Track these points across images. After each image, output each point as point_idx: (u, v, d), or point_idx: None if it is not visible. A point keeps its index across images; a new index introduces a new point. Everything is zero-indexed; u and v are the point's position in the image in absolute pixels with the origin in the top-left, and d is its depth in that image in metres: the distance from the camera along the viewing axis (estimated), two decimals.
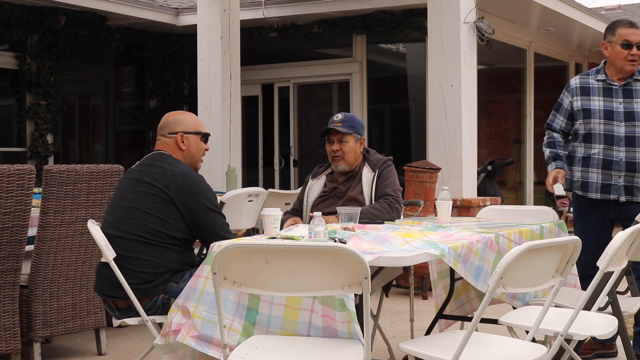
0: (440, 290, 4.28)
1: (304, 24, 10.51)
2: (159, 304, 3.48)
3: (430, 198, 6.68)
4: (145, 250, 3.47)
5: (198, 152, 3.72)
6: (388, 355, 4.43)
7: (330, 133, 4.36)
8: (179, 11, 10.52)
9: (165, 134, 3.68)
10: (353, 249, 2.51)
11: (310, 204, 4.39)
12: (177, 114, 3.80)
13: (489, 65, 12.10)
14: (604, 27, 11.40)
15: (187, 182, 3.50)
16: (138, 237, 3.47)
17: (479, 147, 7.99)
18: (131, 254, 3.47)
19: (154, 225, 3.47)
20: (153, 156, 3.63)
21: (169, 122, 3.70)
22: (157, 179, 3.50)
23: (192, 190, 3.49)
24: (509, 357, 2.82)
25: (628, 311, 3.69)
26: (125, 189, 3.59)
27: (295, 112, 11.19)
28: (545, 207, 4.52)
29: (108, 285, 3.50)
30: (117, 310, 3.54)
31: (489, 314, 3.75)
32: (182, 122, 3.69)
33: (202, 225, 3.52)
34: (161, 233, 3.47)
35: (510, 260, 2.58)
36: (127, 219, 3.50)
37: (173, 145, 3.66)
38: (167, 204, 3.47)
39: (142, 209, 3.49)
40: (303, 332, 2.97)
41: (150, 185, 3.51)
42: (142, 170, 3.59)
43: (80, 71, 11.35)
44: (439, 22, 7.19)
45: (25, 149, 9.67)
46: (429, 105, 7.79)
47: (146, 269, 3.45)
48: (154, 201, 3.48)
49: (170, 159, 3.60)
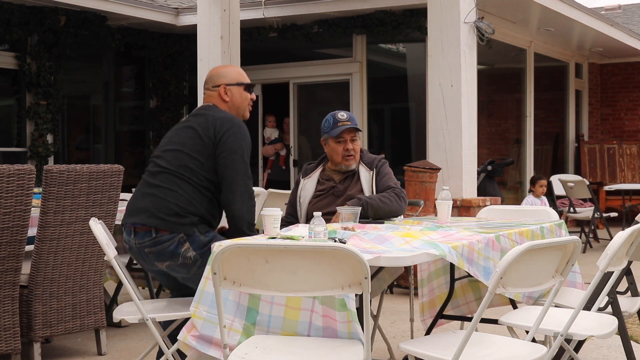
0: (427, 291, 4.27)
1: (304, 24, 10.51)
2: (175, 243, 3.53)
3: (430, 198, 6.68)
4: (181, 186, 3.60)
5: (243, 102, 3.89)
6: (388, 355, 4.43)
7: (345, 132, 4.34)
8: (179, 11, 10.52)
9: (209, 88, 3.86)
10: (353, 249, 2.51)
11: (306, 202, 4.34)
12: (220, 67, 4.01)
13: (489, 65, 12.10)
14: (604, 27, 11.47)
15: (226, 124, 3.64)
16: (177, 173, 3.62)
17: (479, 147, 7.99)
18: (168, 185, 3.61)
19: (193, 166, 3.61)
20: (199, 108, 3.85)
21: (212, 75, 3.88)
22: (200, 124, 3.68)
23: (227, 132, 3.62)
24: (509, 357, 2.82)
25: (628, 311, 3.69)
26: (172, 137, 3.78)
27: (295, 112, 11.19)
28: (546, 207, 4.53)
29: (133, 213, 3.64)
30: (134, 234, 3.60)
31: (489, 314, 3.75)
32: (225, 74, 3.87)
33: (224, 166, 3.61)
34: (199, 174, 3.61)
35: (510, 260, 2.58)
36: (170, 158, 3.66)
37: (217, 98, 3.83)
38: (205, 146, 3.62)
39: (183, 150, 3.65)
40: (303, 332, 2.97)
41: (192, 130, 3.68)
42: (188, 119, 3.80)
43: (80, 71, 11.35)
44: (439, 22, 7.19)
45: (25, 149, 9.67)
46: (429, 105, 7.78)
47: (178, 202, 3.56)
48: (194, 143, 3.64)
49: (215, 108, 3.78)
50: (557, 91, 13.61)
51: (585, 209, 10.75)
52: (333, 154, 4.36)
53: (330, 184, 4.35)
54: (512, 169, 12.01)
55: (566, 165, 13.70)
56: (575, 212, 10.60)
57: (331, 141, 4.34)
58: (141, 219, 3.59)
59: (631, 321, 5.27)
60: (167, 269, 3.62)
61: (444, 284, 4.32)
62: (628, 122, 14.13)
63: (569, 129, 13.63)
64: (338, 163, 4.36)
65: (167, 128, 11.31)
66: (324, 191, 4.35)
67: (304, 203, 4.34)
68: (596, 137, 14.13)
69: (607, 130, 14.31)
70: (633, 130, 14.06)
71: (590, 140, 13.84)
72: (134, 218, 3.63)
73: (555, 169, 13.26)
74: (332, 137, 4.33)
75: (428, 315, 4.29)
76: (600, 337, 3.22)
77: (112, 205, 4.73)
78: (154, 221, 3.56)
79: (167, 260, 3.57)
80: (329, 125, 4.35)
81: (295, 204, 4.38)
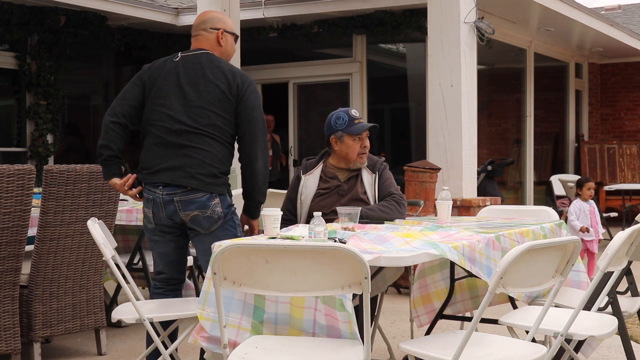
0: (418, 286, 4.28)
1: (304, 24, 10.51)
2: (207, 196, 3.66)
3: (430, 198, 6.68)
4: (214, 146, 3.70)
5: (232, 51, 3.99)
6: (388, 355, 4.43)
7: (364, 129, 4.32)
8: (179, 11, 10.52)
9: (206, 29, 3.91)
10: (353, 249, 2.51)
11: (308, 200, 4.26)
12: (216, 12, 4.12)
13: (489, 65, 12.10)
14: (604, 27, 11.46)
15: (245, 80, 3.78)
16: (208, 132, 3.69)
17: (479, 147, 7.98)
18: (201, 146, 3.67)
19: (221, 124, 3.72)
20: (201, 54, 3.84)
21: (211, 17, 3.95)
22: (221, 80, 3.74)
23: (248, 88, 3.76)
24: (509, 357, 2.82)
25: (628, 311, 3.69)
26: (185, 86, 3.74)
27: (295, 112, 11.19)
28: (546, 207, 4.52)
29: (162, 171, 3.70)
30: (163, 187, 3.67)
31: (489, 314, 3.75)
32: (224, 20, 3.97)
33: (246, 122, 3.73)
34: (226, 132, 3.72)
35: (510, 260, 2.58)
36: (197, 116, 3.70)
37: (214, 41, 3.90)
38: (230, 104, 3.73)
39: (210, 108, 3.71)
40: (308, 329, 2.99)
41: (214, 85, 3.73)
42: (197, 68, 3.77)
43: (80, 71, 11.34)
44: (439, 22, 7.19)
45: (25, 149, 9.67)
46: (429, 105, 7.78)
47: (214, 164, 3.68)
48: (219, 100, 3.72)
49: (218, 58, 3.84)
50: (557, 91, 13.61)
51: None
52: (349, 151, 4.27)
53: (335, 183, 4.28)
54: (512, 169, 12.01)
55: (566, 165, 13.70)
56: None
57: (347, 138, 4.26)
58: (174, 178, 3.66)
59: (631, 321, 5.27)
60: (191, 220, 3.69)
61: (440, 280, 4.31)
62: (628, 122, 14.14)
63: (569, 129, 13.63)
64: (352, 160, 4.28)
65: None
66: (328, 189, 4.27)
67: (305, 200, 4.26)
68: (596, 137, 14.13)
69: (607, 130, 14.31)
70: (633, 130, 14.06)
71: (590, 140, 13.84)
72: (165, 177, 3.68)
73: (555, 169, 13.27)
74: (352, 134, 4.27)
75: (423, 312, 4.28)
76: (600, 337, 3.22)
77: (112, 205, 4.73)
78: (191, 182, 3.65)
79: (196, 210, 3.67)
80: (344, 123, 4.28)
81: (296, 201, 4.30)
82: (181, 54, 3.88)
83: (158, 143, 3.73)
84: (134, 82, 3.83)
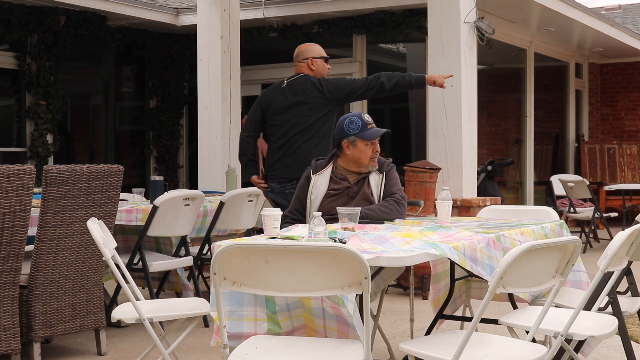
0: (439, 288, 4.28)
1: (304, 24, 10.51)
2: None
3: (430, 198, 6.68)
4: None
5: (324, 70, 5.46)
6: (388, 355, 4.43)
7: (378, 135, 4.33)
8: (179, 11, 10.52)
9: (300, 60, 5.45)
10: (353, 249, 2.51)
11: (318, 200, 4.28)
12: (306, 45, 5.54)
13: (489, 65, 12.10)
14: (604, 27, 11.46)
15: (330, 80, 5.35)
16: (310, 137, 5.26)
17: (479, 147, 7.98)
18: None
19: (326, 130, 5.26)
20: (300, 77, 5.40)
21: (302, 51, 5.46)
22: (313, 91, 5.30)
23: (334, 81, 5.32)
24: (509, 357, 2.82)
25: (628, 311, 3.69)
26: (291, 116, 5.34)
27: None
28: (546, 207, 4.52)
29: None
30: (277, 181, 5.30)
31: (489, 314, 3.75)
32: (311, 50, 5.46)
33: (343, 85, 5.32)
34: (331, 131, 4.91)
35: (510, 260, 2.58)
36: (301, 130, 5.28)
37: (306, 68, 5.42)
38: (328, 105, 5.28)
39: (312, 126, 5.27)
40: (319, 316, 3.10)
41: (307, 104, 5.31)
42: (301, 90, 5.34)
43: (80, 71, 11.35)
44: (439, 22, 7.19)
45: (25, 149, 9.67)
46: (429, 105, 7.78)
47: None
48: (320, 108, 5.28)
49: (308, 76, 5.39)
50: (557, 91, 13.61)
51: (585, 209, 10.75)
52: (361, 155, 4.30)
53: (345, 184, 4.30)
54: (512, 169, 12.01)
55: (566, 165, 13.70)
56: (576, 212, 10.60)
57: (361, 143, 4.28)
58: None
59: (631, 321, 5.26)
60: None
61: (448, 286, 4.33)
62: (628, 122, 14.13)
63: (569, 129, 13.63)
64: (364, 165, 4.31)
65: (167, 128, 11.33)
66: (338, 191, 4.29)
67: (315, 200, 4.28)
68: (596, 137, 14.13)
69: (607, 130, 14.31)
70: (633, 130, 14.06)
71: (591, 140, 13.84)
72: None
73: (555, 169, 13.26)
74: (365, 139, 4.29)
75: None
76: (600, 337, 3.22)
77: (112, 205, 4.73)
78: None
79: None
80: (357, 127, 4.30)
81: (305, 201, 4.31)
82: (288, 83, 5.41)
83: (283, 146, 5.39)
84: None
